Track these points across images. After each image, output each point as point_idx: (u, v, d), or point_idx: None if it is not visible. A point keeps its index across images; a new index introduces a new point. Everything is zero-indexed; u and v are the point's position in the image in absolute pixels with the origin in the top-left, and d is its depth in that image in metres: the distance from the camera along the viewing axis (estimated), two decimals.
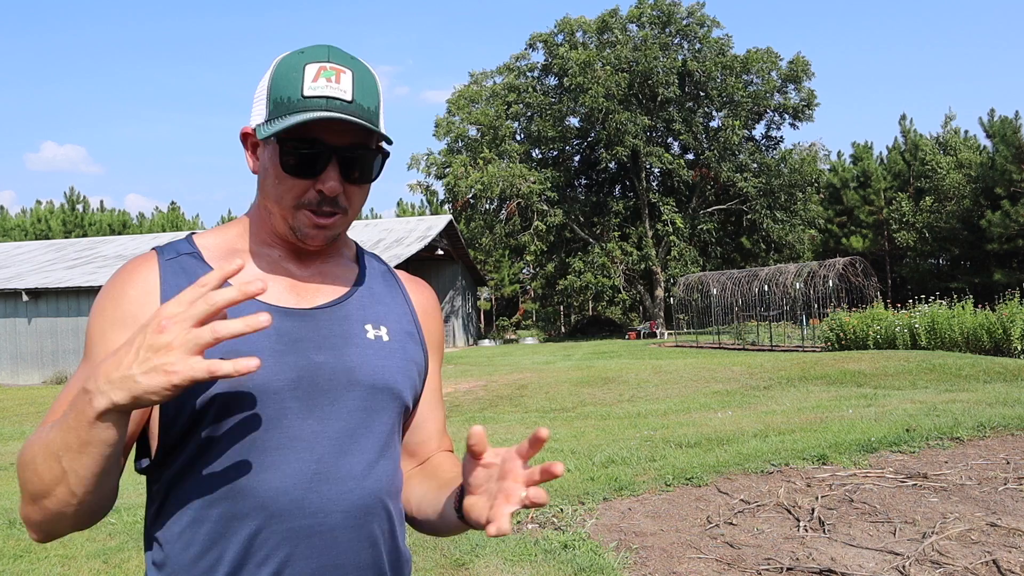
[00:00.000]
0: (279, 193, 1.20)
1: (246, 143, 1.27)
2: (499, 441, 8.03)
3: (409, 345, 1.32)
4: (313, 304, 1.25)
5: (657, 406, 11.09)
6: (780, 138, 44.29)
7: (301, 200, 1.20)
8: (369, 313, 1.29)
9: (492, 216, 42.80)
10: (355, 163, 1.21)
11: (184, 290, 0.98)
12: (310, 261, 1.30)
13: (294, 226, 1.21)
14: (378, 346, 1.26)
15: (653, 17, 41.84)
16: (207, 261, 1.24)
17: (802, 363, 14.75)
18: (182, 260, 1.23)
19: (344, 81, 1.18)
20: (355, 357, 1.23)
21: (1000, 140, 34.66)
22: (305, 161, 1.18)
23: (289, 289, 1.25)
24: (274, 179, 1.20)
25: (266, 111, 1.19)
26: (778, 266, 30.61)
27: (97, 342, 1.16)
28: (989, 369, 12.18)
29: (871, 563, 3.92)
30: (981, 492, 5.06)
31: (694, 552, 4.24)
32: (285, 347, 1.18)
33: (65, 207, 54.94)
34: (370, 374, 1.23)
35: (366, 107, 1.19)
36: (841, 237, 43.02)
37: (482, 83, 45.20)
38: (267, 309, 1.18)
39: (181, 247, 1.26)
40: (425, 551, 4.47)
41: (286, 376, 1.16)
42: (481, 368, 19.96)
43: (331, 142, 1.18)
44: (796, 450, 6.33)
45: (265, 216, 1.26)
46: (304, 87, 1.16)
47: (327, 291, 1.28)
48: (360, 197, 1.25)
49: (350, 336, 1.24)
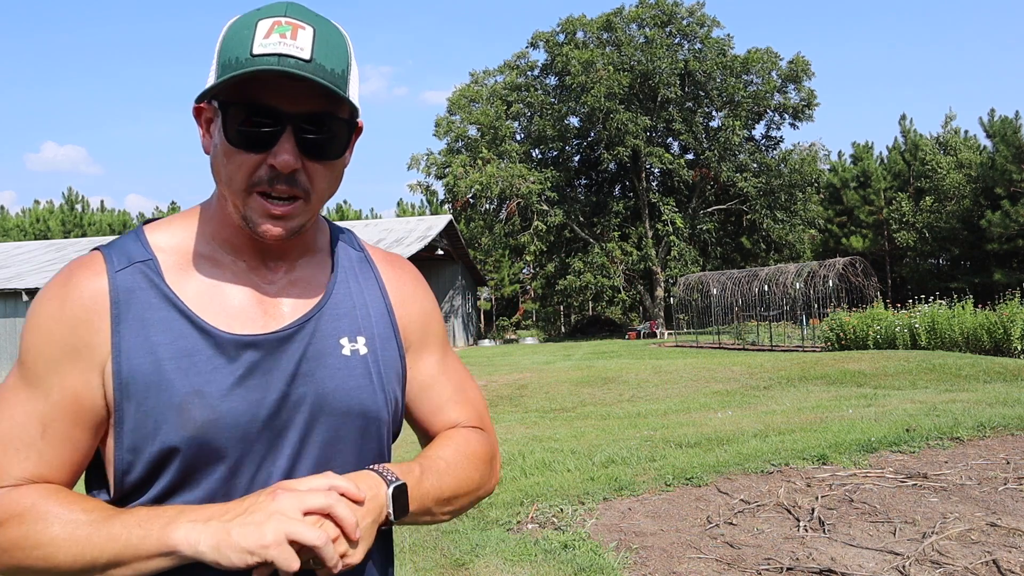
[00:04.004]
0: (229, 172, 1.04)
1: (200, 120, 1.10)
2: (499, 441, 8.01)
3: (388, 352, 1.20)
4: (282, 324, 1.11)
5: (657, 406, 11.09)
6: (780, 138, 44.30)
7: (252, 179, 1.03)
8: (344, 324, 1.16)
9: (492, 216, 42.79)
10: (315, 133, 1.03)
11: (317, 479, 0.98)
12: (277, 265, 1.16)
13: (246, 215, 1.06)
14: (355, 363, 1.14)
15: (654, 17, 41.84)
16: (164, 274, 1.09)
17: (802, 363, 14.75)
18: (134, 272, 1.08)
19: (302, 38, 0.99)
20: (329, 382, 1.11)
21: (1000, 140, 34.67)
22: (254, 130, 1.01)
23: (255, 306, 1.12)
24: (222, 155, 1.04)
25: (214, 76, 1.02)
26: (778, 266, 30.61)
27: (45, 374, 1.04)
28: (989, 369, 12.17)
29: (871, 563, 3.92)
30: (981, 492, 5.06)
31: (694, 552, 4.24)
32: (254, 383, 1.06)
33: (64, 207, 54.96)
34: (345, 400, 1.12)
35: (329, 68, 1.00)
36: (841, 237, 43.02)
37: (483, 82, 45.20)
38: (232, 340, 1.07)
39: (133, 251, 1.10)
40: (425, 551, 4.47)
41: (254, 416, 1.05)
42: (481, 368, 19.96)
43: (285, 109, 1.01)
44: (796, 450, 6.33)
45: (223, 206, 1.11)
46: (254, 44, 0.98)
47: (298, 305, 1.15)
48: (325, 178, 1.08)
49: (323, 356, 1.12)
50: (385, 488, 1.04)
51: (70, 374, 1.03)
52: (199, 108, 1.08)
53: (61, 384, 1.03)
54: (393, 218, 44.92)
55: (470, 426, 1.30)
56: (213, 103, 1.05)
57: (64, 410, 1.03)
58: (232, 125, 1.01)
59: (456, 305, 38.51)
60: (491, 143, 42.21)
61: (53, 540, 0.95)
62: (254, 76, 0.98)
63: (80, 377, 1.03)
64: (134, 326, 1.04)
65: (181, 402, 1.02)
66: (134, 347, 1.03)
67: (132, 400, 1.02)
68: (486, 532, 4.74)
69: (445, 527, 4.89)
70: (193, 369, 1.04)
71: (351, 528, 0.95)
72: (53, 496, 1.00)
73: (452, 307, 38.25)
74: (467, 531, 4.78)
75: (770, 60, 41.06)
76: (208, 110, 1.07)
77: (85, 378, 1.03)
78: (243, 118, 1.01)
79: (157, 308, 1.06)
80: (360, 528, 0.97)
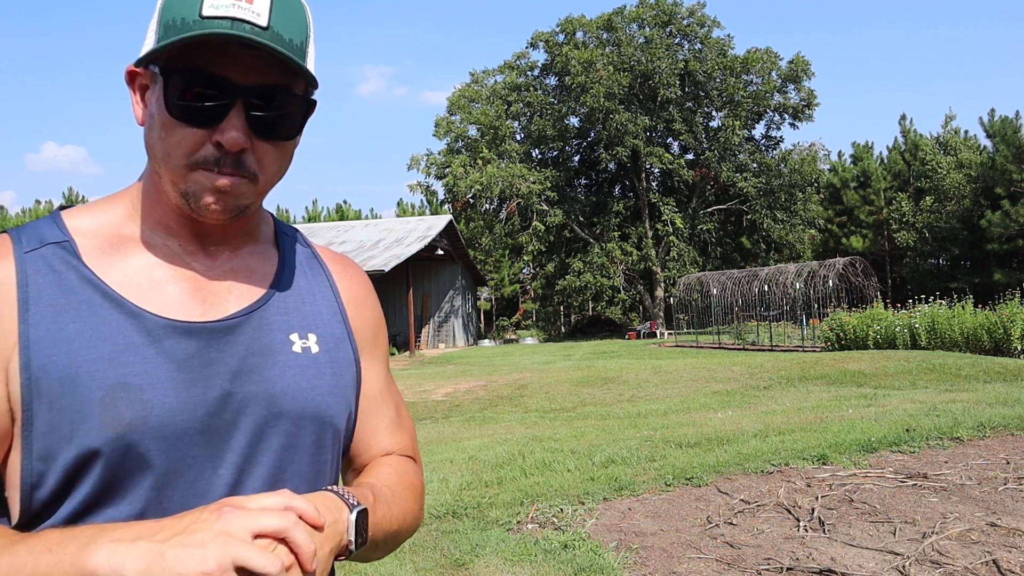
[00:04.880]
0: (166, 148, 0.91)
1: (133, 86, 0.97)
2: (500, 441, 8.03)
3: (341, 353, 1.06)
4: (224, 313, 0.98)
5: (657, 406, 11.09)
6: (780, 138, 44.30)
7: (194, 157, 0.90)
8: (294, 318, 1.03)
9: (492, 216, 42.80)
10: (267, 109, 0.92)
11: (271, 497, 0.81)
12: (218, 251, 1.02)
13: (186, 191, 0.92)
14: (307, 361, 1.01)
15: (655, 17, 41.84)
16: (83, 256, 0.94)
17: (802, 363, 14.75)
18: (47, 253, 0.93)
19: (258, 3, 0.88)
20: (279, 380, 0.97)
21: (1000, 140, 34.66)
22: (199, 102, 0.88)
23: (193, 293, 0.97)
24: (160, 128, 0.91)
25: (155, 38, 0.90)
26: (778, 266, 30.61)
27: None
28: (989, 369, 12.18)
29: (871, 563, 3.92)
30: (981, 492, 5.06)
31: (694, 552, 4.24)
32: (190, 376, 0.92)
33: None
34: (298, 401, 0.98)
35: (287, 38, 0.89)
36: (841, 237, 43.02)
37: (483, 82, 45.21)
38: (163, 326, 0.93)
39: (46, 232, 0.95)
40: (425, 551, 4.47)
41: (191, 415, 0.91)
42: (481, 368, 19.96)
43: (236, 80, 0.89)
44: (796, 450, 6.33)
45: (158, 184, 0.97)
46: (203, 5, 0.86)
47: (241, 292, 1.01)
48: (275, 159, 0.96)
49: (272, 351, 0.99)
50: (347, 513, 0.89)
51: None
52: (132, 72, 0.95)
53: None
54: (393, 218, 44.87)
55: (404, 455, 1.17)
56: (152, 68, 0.92)
57: None
58: (173, 95, 0.88)
59: (456, 305, 38.49)
60: (491, 143, 42.22)
61: None
62: (203, 41, 0.86)
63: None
64: (46, 313, 0.89)
65: (103, 396, 0.87)
66: (46, 336, 0.88)
67: (44, 397, 0.86)
68: (486, 532, 4.74)
69: (445, 527, 4.89)
70: (118, 359, 0.89)
71: (308, 557, 0.79)
72: None
73: (452, 307, 38.23)
74: (467, 531, 4.78)
75: (770, 60, 41.06)
76: (144, 75, 0.94)
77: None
78: (187, 88, 0.88)
79: (74, 292, 0.91)
80: (317, 558, 0.81)
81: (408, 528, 1.07)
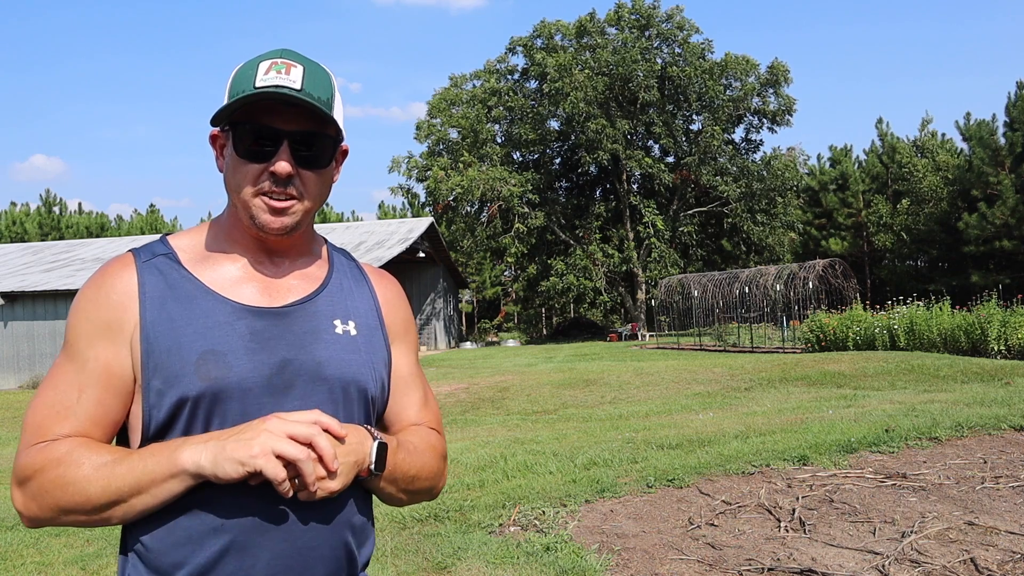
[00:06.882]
0: (238, 181, 1.27)
1: (215, 145, 1.35)
2: (481, 444, 8.02)
3: (375, 338, 1.39)
4: (284, 302, 1.32)
5: (639, 408, 11.11)
6: (760, 141, 44.52)
7: (257, 185, 1.26)
8: (338, 308, 1.37)
9: (473, 219, 42.75)
10: (306, 147, 1.27)
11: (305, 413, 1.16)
12: (281, 260, 1.37)
13: (253, 214, 1.27)
14: (346, 340, 1.34)
15: (632, 21, 41.92)
16: (183, 263, 1.31)
17: (782, 364, 14.83)
18: (158, 262, 1.30)
19: (294, 73, 1.25)
20: (323, 352, 1.30)
21: (977, 143, 34.96)
22: (257, 143, 1.25)
23: (262, 290, 1.32)
24: (232, 168, 1.27)
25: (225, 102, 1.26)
26: (758, 268, 30.80)
27: (84, 348, 1.24)
28: (967, 370, 12.30)
29: (851, 563, 3.94)
30: (959, 491, 5.10)
31: (676, 553, 4.25)
32: (258, 345, 1.25)
33: (42, 209, 54.26)
34: (338, 369, 1.30)
35: (316, 96, 1.25)
36: (820, 239, 43.28)
37: (462, 86, 45.14)
38: (240, 309, 1.27)
39: (157, 248, 1.33)
40: (407, 555, 4.45)
41: (260, 374, 1.24)
42: (463, 371, 19.93)
43: (281, 128, 1.25)
44: (777, 451, 6.36)
45: (234, 213, 1.33)
46: (256, 79, 1.24)
47: (298, 288, 1.35)
48: (316, 185, 1.31)
49: (319, 332, 1.31)
50: (371, 441, 1.23)
51: (103, 348, 1.24)
52: (214, 136, 1.33)
53: (95, 356, 1.23)
54: (374, 221, 44.77)
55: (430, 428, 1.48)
56: (225, 129, 1.29)
57: (97, 378, 1.23)
58: (241, 142, 1.25)
59: (438, 307, 38.41)
60: (472, 146, 42.15)
61: (85, 477, 1.14)
62: (256, 101, 1.22)
63: (111, 349, 1.24)
64: (157, 303, 1.25)
65: (198, 359, 1.21)
66: (158, 319, 1.23)
67: (155, 360, 1.21)
68: (468, 535, 4.72)
69: (427, 530, 4.87)
70: (208, 333, 1.23)
71: (329, 457, 1.12)
72: (84, 445, 1.19)
73: (434, 309, 38.15)
74: (449, 534, 4.76)
75: (749, 65, 41.19)
76: (221, 137, 1.32)
77: (115, 350, 1.23)
78: (249, 136, 1.25)
79: (177, 287, 1.27)
80: (338, 461, 1.14)
81: (427, 477, 1.38)
